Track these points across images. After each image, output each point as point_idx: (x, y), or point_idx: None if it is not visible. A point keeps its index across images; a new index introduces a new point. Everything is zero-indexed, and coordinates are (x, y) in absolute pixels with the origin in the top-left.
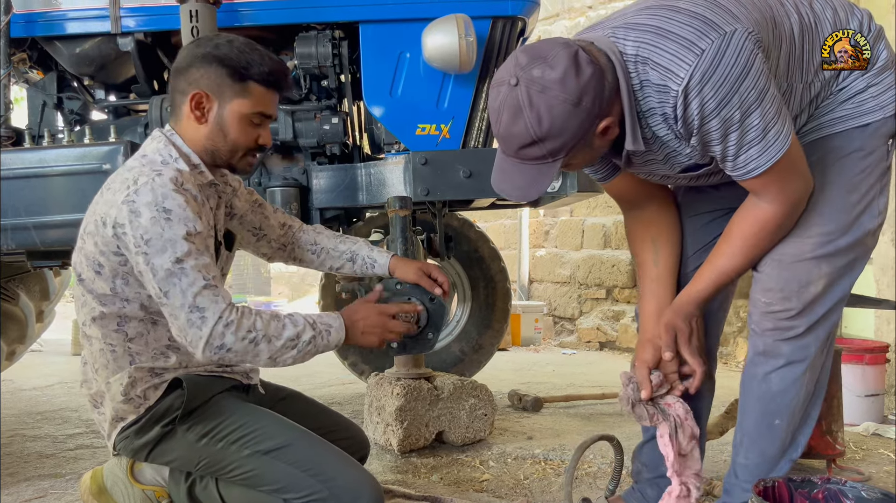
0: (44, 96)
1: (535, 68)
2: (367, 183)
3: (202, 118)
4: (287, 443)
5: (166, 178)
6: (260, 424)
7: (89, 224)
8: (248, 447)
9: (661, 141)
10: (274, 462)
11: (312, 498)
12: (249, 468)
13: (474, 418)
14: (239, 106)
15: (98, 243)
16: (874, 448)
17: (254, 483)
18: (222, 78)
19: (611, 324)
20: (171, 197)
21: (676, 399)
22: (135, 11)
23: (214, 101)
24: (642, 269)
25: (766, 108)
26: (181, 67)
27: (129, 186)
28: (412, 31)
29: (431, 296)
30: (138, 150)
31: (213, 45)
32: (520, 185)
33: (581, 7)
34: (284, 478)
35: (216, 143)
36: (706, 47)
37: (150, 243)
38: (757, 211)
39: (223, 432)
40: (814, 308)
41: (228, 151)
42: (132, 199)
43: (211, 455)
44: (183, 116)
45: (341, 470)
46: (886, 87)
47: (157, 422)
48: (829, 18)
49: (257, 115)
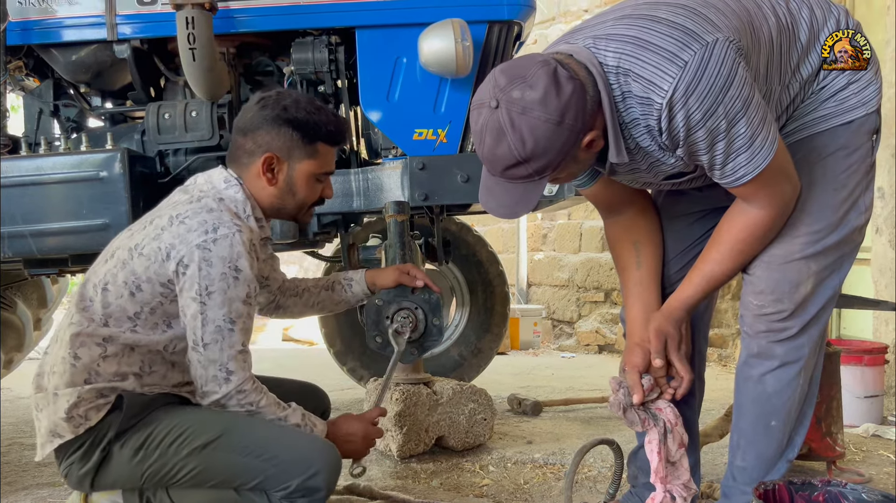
0: (40, 104)
1: (515, 89)
2: (364, 188)
3: (273, 180)
4: (222, 433)
5: (245, 237)
6: (192, 422)
7: (147, 247)
8: (184, 447)
9: (644, 151)
10: (213, 454)
11: (261, 479)
12: (192, 467)
13: (474, 423)
14: (308, 167)
15: (150, 268)
16: (874, 449)
17: (201, 480)
18: (293, 140)
19: (609, 328)
20: (244, 257)
21: (667, 404)
22: (131, 18)
23: (285, 162)
24: (625, 274)
25: (752, 115)
26: (248, 128)
27: (209, 232)
28: (408, 37)
29: (413, 288)
30: (210, 182)
31: (282, 107)
32: (507, 203)
33: (577, 11)
34: (228, 467)
35: (285, 201)
36: (689, 59)
37: (213, 296)
38: (746, 216)
39: (157, 440)
40: (806, 308)
41: (296, 208)
42: (208, 248)
43: (151, 466)
44: (252, 175)
45: (285, 444)
46: (867, 83)
47: (96, 447)
48: (806, 18)
49: (324, 175)
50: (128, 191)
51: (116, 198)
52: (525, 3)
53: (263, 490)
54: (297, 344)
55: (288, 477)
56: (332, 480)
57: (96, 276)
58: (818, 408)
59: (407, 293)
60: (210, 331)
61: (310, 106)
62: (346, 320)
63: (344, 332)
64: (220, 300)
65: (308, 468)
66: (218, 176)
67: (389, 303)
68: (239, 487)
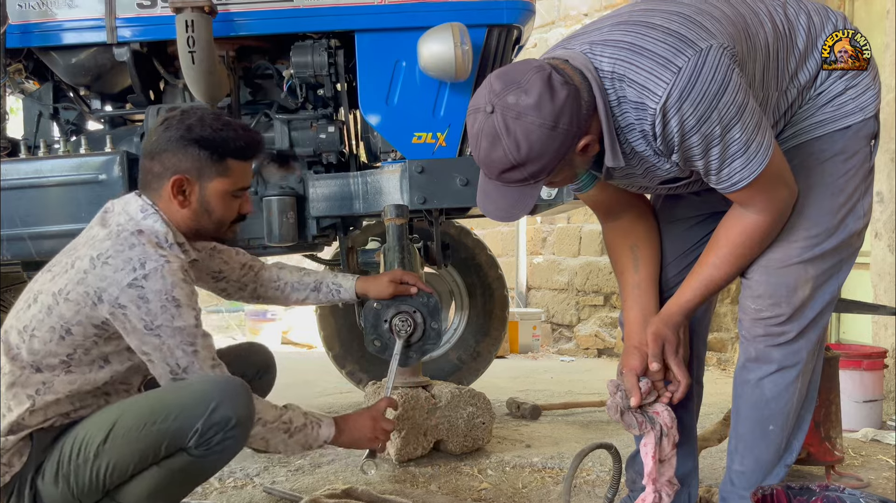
0: (40, 106)
1: (510, 95)
2: (363, 191)
3: (185, 202)
4: (115, 420)
5: (176, 266)
6: (87, 425)
7: (73, 292)
8: (89, 450)
9: (640, 156)
10: (115, 443)
11: (169, 440)
12: (105, 465)
13: (472, 426)
14: (221, 185)
15: (81, 312)
16: (873, 454)
17: (121, 472)
18: (201, 160)
19: (609, 331)
20: (179, 285)
21: (664, 407)
22: (131, 22)
23: (195, 183)
24: (623, 277)
25: (747, 121)
26: (154, 151)
27: (136, 269)
28: (408, 40)
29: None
30: (126, 213)
31: (186, 126)
32: (503, 206)
33: (577, 15)
34: (134, 447)
35: (202, 222)
36: (682, 65)
37: (162, 328)
38: (744, 220)
39: (66, 458)
40: (804, 312)
41: (214, 228)
42: (141, 286)
43: (76, 484)
44: (164, 199)
45: (174, 397)
46: (865, 87)
47: (24, 487)
48: (804, 24)
49: (239, 191)
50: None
51: None
52: (524, 7)
53: (180, 448)
54: (295, 347)
55: (191, 422)
56: (240, 406)
57: (20, 322)
58: (817, 412)
59: (399, 302)
60: (180, 357)
61: (216, 122)
62: (344, 323)
63: (343, 336)
64: (169, 331)
65: (207, 404)
66: (134, 205)
67: (388, 306)
68: (157, 459)
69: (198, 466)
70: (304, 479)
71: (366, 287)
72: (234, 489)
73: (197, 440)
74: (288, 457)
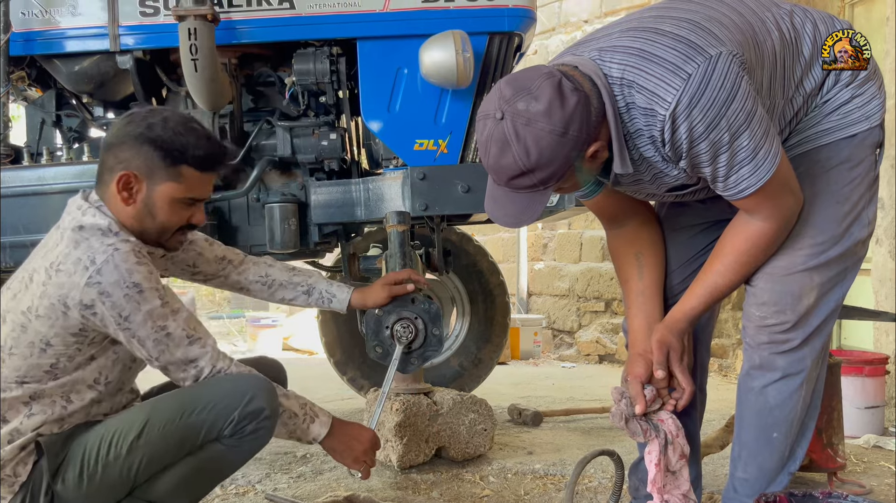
0: (42, 114)
1: (520, 101)
2: (365, 198)
3: (129, 199)
4: (149, 415)
5: (125, 250)
6: (116, 423)
7: (41, 307)
8: (122, 447)
9: (648, 162)
10: (151, 437)
11: (206, 429)
12: (139, 460)
13: (474, 433)
14: (170, 189)
15: (55, 325)
16: (875, 460)
17: (156, 467)
18: (153, 160)
19: (610, 337)
20: (136, 271)
21: (669, 415)
22: (133, 30)
23: (143, 182)
24: (627, 285)
25: (755, 129)
26: (111, 143)
27: (88, 267)
28: (410, 48)
29: (412, 299)
30: (69, 214)
31: (147, 124)
32: (512, 212)
33: (577, 22)
34: (171, 439)
35: (144, 224)
36: (692, 71)
37: (130, 319)
38: (750, 228)
39: (92, 458)
40: (808, 320)
41: (156, 232)
42: (97, 281)
43: (103, 484)
44: (111, 193)
45: (212, 390)
46: (870, 97)
47: (38, 496)
48: (810, 32)
49: (190, 200)
50: None
51: None
52: (525, 15)
53: (214, 439)
54: (296, 353)
55: (228, 412)
56: (271, 400)
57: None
58: (819, 419)
59: (407, 303)
60: (151, 345)
61: (180, 126)
62: (346, 330)
63: (344, 342)
64: (139, 319)
65: (243, 396)
66: (72, 204)
67: (389, 313)
68: (192, 450)
69: (228, 457)
70: (306, 486)
71: (363, 298)
72: (235, 496)
73: (232, 429)
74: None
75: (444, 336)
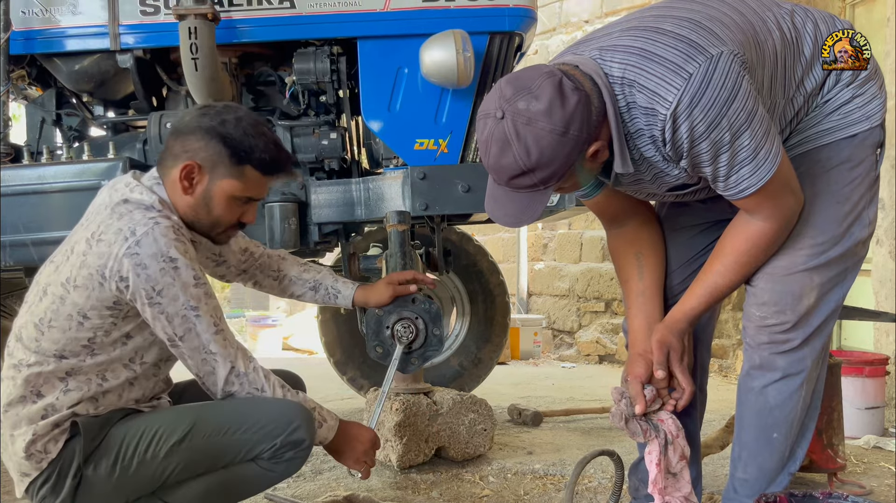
0: (43, 113)
1: (520, 100)
2: (365, 198)
3: (189, 189)
4: (194, 422)
5: (166, 225)
6: (159, 422)
7: (79, 277)
8: (161, 448)
9: (649, 162)
10: (193, 445)
11: (248, 448)
12: (175, 464)
13: (474, 433)
14: (230, 186)
15: (92, 296)
16: (875, 461)
17: (189, 473)
18: (220, 156)
19: (610, 338)
20: (173, 246)
21: (669, 415)
22: (134, 28)
23: (206, 174)
24: (627, 285)
25: (756, 128)
26: (180, 131)
27: (128, 238)
28: (410, 47)
29: (413, 299)
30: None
31: (221, 120)
32: (512, 212)
33: (578, 22)
34: (212, 452)
35: (199, 215)
36: (693, 71)
37: (163, 293)
38: (750, 228)
39: (129, 451)
40: (808, 320)
41: (209, 226)
42: (136, 253)
43: (134, 478)
44: (172, 179)
45: (260, 411)
46: (871, 96)
47: (65, 476)
48: (811, 32)
49: (247, 199)
50: None
51: None
52: (526, 15)
53: (251, 459)
54: (296, 353)
55: (272, 437)
56: (312, 431)
57: (35, 316)
58: (819, 419)
59: (407, 303)
60: (178, 325)
61: (251, 127)
62: (346, 329)
63: (344, 342)
64: (171, 294)
65: (290, 423)
66: (121, 181)
67: (390, 313)
68: (228, 465)
69: (259, 478)
70: (305, 486)
71: (366, 296)
72: None
73: (271, 453)
74: None
75: (444, 336)
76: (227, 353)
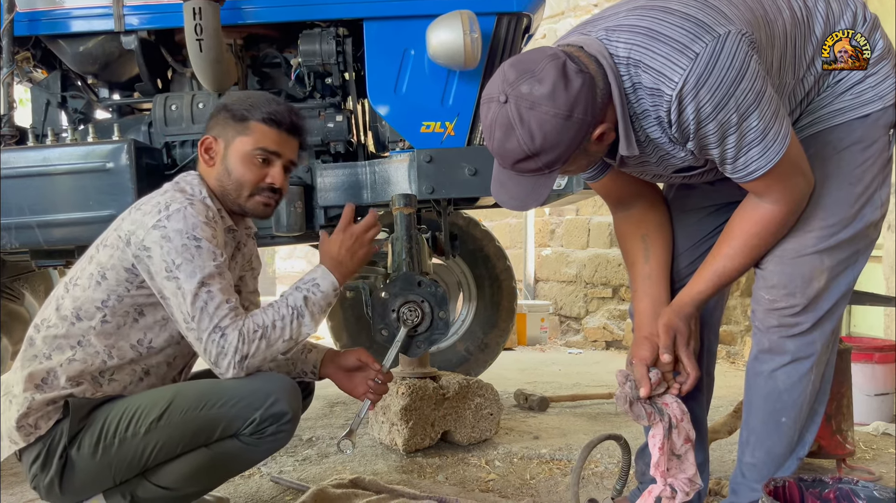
0: (47, 95)
1: (524, 84)
2: (371, 181)
3: (210, 161)
4: (172, 398)
5: (200, 208)
6: (139, 401)
7: (110, 237)
8: (141, 426)
9: (655, 143)
10: (171, 421)
11: (226, 424)
12: (155, 442)
13: (480, 418)
14: (241, 144)
15: (114, 255)
16: (884, 447)
17: (169, 451)
18: (227, 122)
19: (617, 324)
20: (201, 226)
21: (674, 398)
22: (138, 9)
23: (220, 142)
24: (634, 268)
25: (764, 109)
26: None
27: (161, 211)
28: (417, 28)
29: (419, 282)
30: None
31: (231, 100)
32: (518, 196)
33: (587, 5)
34: (190, 427)
35: (224, 182)
36: (700, 51)
37: (181, 268)
38: (759, 211)
39: (110, 430)
40: (819, 303)
41: (235, 191)
42: (163, 225)
43: (116, 457)
44: (201, 164)
45: (236, 385)
46: (884, 76)
47: (53, 456)
48: (822, 11)
49: (260, 152)
50: (134, 182)
51: (123, 189)
52: None
53: (232, 435)
54: None
55: (250, 411)
56: (294, 403)
57: (68, 276)
58: (828, 405)
59: (413, 286)
60: (191, 301)
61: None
62: (352, 314)
63: (350, 326)
64: (189, 270)
65: (267, 397)
66: (184, 173)
67: (396, 296)
68: (208, 442)
69: (244, 454)
70: (311, 469)
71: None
72: (241, 478)
73: (252, 429)
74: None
75: (450, 320)
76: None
